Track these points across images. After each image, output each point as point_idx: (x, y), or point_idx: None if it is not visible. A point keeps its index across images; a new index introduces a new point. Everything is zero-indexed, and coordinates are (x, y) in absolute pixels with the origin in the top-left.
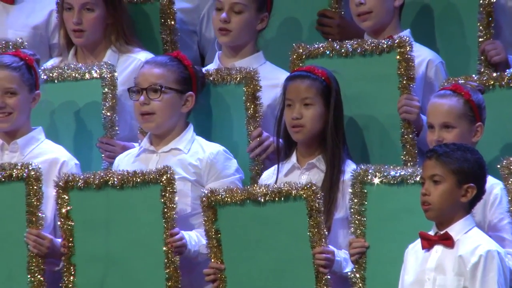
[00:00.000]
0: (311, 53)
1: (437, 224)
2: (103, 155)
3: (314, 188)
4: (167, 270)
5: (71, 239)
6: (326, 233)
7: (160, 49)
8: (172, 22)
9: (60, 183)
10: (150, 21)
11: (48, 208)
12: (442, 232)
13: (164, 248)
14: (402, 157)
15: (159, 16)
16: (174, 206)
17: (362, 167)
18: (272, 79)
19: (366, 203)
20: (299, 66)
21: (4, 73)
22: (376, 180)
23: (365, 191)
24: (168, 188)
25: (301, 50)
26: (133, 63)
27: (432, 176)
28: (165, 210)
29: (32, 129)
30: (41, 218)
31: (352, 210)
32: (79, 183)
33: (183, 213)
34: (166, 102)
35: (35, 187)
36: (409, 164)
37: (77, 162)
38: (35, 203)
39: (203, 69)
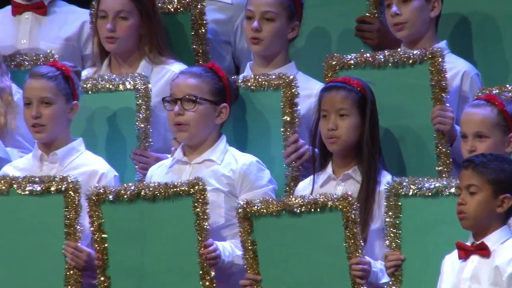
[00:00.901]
0: (344, 64)
1: (474, 234)
2: (136, 167)
3: (350, 199)
4: (203, 282)
5: (104, 252)
6: (362, 244)
7: (192, 59)
8: (204, 32)
9: (92, 196)
10: (181, 32)
11: (86, 220)
12: (478, 242)
13: (199, 260)
14: (436, 168)
15: (191, 26)
16: (207, 217)
17: (396, 179)
18: (305, 89)
19: (401, 215)
20: (332, 77)
21: (39, 82)
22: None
23: (400, 203)
24: (200, 200)
25: (333, 61)
26: (166, 74)
27: (468, 186)
28: (198, 221)
29: (72, 140)
30: (79, 231)
31: (387, 223)
32: (111, 196)
33: (216, 225)
34: (200, 113)
35: (73, 200)
36: (444, 175)
37: (116, 174)
38: (73, 216)
39: (240, 76)
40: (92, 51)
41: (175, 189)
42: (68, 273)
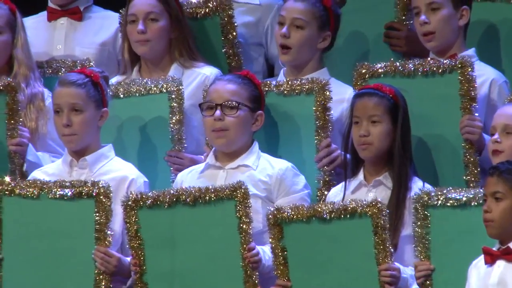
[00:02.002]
0: (373, 72)
1: (500, 240)
2: (171, 168)
3: (380, 205)
4: (246, 285)
5: (141, 258)
6: (392, 250)
7: (224, 63)
8: (234, 35)
9: (129, 202)
10: (211, 36)
11: (116, 225)
12: (504, 247)
13: (242, 264)
14: (464, 177)
15: (221, 30)
16: (250, 220)
17: (424, 189)
18: (338, 95)
19: (429, 226)
20: (362, 86)
21: (69, 90)
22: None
23: (428, 214)
24: (243, 203)
25: (363, 70)
26: (198, 77)
27: (494, 193)
28: (241, 225)
29: (102, 146)
30: (109, 235)
31: (415, 233)
32: (148, 202)
33: (255, 230)
34: (240, 119)
35: (104, 205)
36: (471, 184)
37: (146, 180)
38: (103, 220)
39: (273, 81)
40: (121, 58)
41: (217, 193)
42: (97, 277)
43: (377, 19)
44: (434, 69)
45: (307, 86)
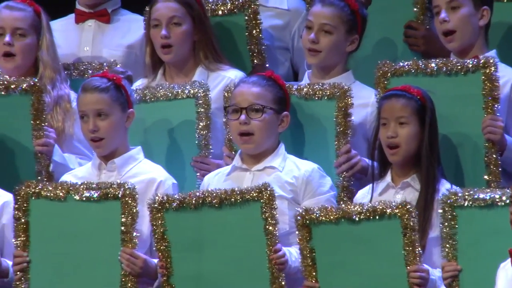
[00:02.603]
0: (396, 71)
1: None
2: (197, 174)
3: (409, 206)
4: (273, 287)
5: (168, 260)
6: (421, 251)
7: (248, 60)
8: (258, 32)
9: (155, 204)
10: (236, 33)
11: (144, 227)
12: None
13: (268, 265)
14: (485, 177)
15: (245, 27)
16: (276, 222)
17: (451, 190)
18: (362, 98)
19: (456, 226)
20: (384, 84)
21: (93, 96)
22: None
23: (455, 214)
24: (268, 204)
25: (386, 68)
26: (223, 81)
27: None
28: (267, 226)
29: (131, 149)
30: (135, 237)
31: (442, 234)
32: (174, 204)
33: (281, 232)
34: (265, 121)
35: (130, 206)
36: (492, 184)
37: (174, 181)
38: (129, 222)
39: (295, 84)
40: (144, 62)
41: (243, 195)
42: (123, 279)
43: (398, 20)
44: (458, 68)
45: (328, 91)
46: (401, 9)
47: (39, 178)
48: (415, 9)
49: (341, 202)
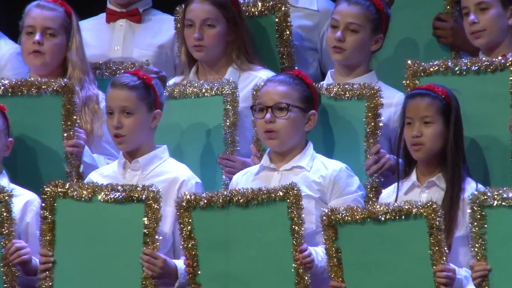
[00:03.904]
0: (425, 70)
1: None
2: (223, 171)
3: (435, 206)
4: (298, 287)
5: (195, 259)
6: (447, 251)
7: (277, 62)
8: (288, 34)
9: (182, 203)
10: (266, 35)
11: (166, 227)
12: None
13: (294, 265)
14: None
15: (275, 29)
16: (302, 222)
17: (480, 190)
18: (385, 98)
19: (485, 226)
20: (414, 83)
21: (120, 92)
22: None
23: (484, 214)
24: (295, 204)
25: (416, 67)
26: (254, 80)
27: None
28: (293, 226)
29: (156, 148)
30: (158, 240)
31: (472, 233)
32: (201, 203)
33: (308, 231)
34: (291, 120)
35: (153, 209)
36: None
37: (198, 181)
38: (152, 225)
39: (323, 84)
40: (178, 60)
41: (270, 195)
42: (144, 281)
43: (427, 24)
44: (486, 67)
45: (358, 91)
46: (429, 4)
47: (69, 179)
48: (444, 2)
49: (370, 202)
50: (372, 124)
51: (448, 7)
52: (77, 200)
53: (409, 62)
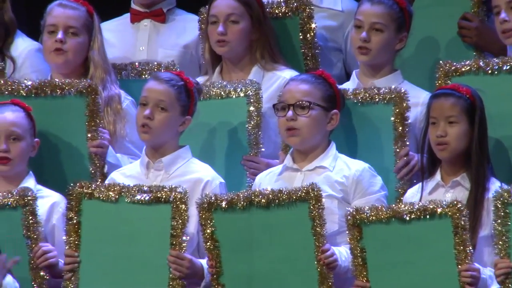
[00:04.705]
0: (457, 70)
1: None
2: (247, 172)
3: (460, 205)
4: (321, 287)
5: (217, 259)
6: (472, 250)
7: (301, 63)
8: (312, 36)
9: (204, 204)
10: (290, 36)
11: (191, 227)
12: None
13: (316, 265)
14: None
15: (299, 30)
16: (323, 222)
17: (504, 187)
18: (412, 98)
19: (509, 223)
20: (446, 83)
21: (161, 86)
22: None
23: (508, 211)
24: (316, 205)
25: (447, 67)
26: (277, 80)
27: None
28: (315, 226)
29: (179, 148)
30: (184, 241)
31: (495, 231)
32: (223, 204)
33: (331, 231)
34: (313, 118)
35: (180, 211)
36: None
37: (222, 181)
38: (179, 226)
39: (349, 87)
40: (203, 59)
41: (290, 195)
42: (171, 283)
43: (451, 23)
44: None
45: (385, 95)
46: (450, 6)
47: (93, 179)
48: (472, 2)
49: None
50: (400, 127)
51: (474, 7)
52: (103, 201)
53: (440, 62)
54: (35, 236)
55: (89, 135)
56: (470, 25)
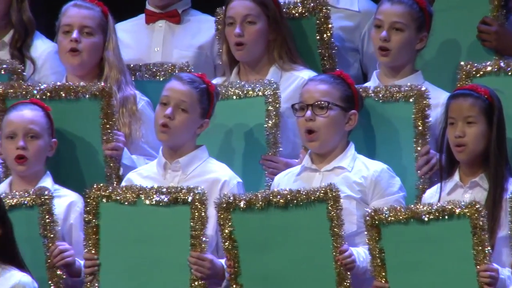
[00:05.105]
0: (478, 71)
1: None
2: (266, 172)
3: (478, 206)
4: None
5: (236, 259)
6: (491, 251)
7: (318, 64)
8: (329, 36)
9: (222, 204)
10: (306, 36)
11: (210, 228)
12: None
13: (334, 266)
14: None
15: (316, 30)
16: (342, 223)
17: None
18: (432, 99)
19: None
20: (467, 84)
21: (183, 87)
22: None
23: None
24: (334, 206)
25: (468, 68)
26: (296, 81)
27: None
28: (333, 227)
29: (196, 148)
30: (204, 242)
31: None
32: (241, 204)
33: (349, 232)
34: (331, 118)
35: (200, 211)
36: None
37: (240, 180)
38: (199, 227)
39: (370, 86)
40: (220, 60)
41: (309, 196)
42: (193, 284)
43: (472, 24)
44: None
45: (406, 93)
46: (474, 6)
47: (109, 181)
48: (491, 6)
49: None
50: (421, 125)
51: (494, 11)
52: (121, 204)
53: (462, 63)
54: (51, 235)
55: (104, 138)
56: (489, 29)
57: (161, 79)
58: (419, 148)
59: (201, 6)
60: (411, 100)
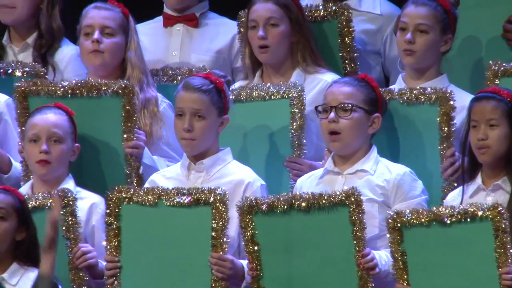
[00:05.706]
0: (506, 71)
1: None
2: (290, 174)
3: (500, 208)
4: None
5: (258, 262)
6: None
7: (340, 67)
8: (351, 39)
9: (244, 207)
10: (328, 40)
11: (232, 229)
12: None
13: (357, 269)
14: None
15: (338, 34)
16: (364, 226)
17: None
18: (457, 102)
19: None
20: (495, 84)
21: (193, 95)
22: None
23: None
24: (356, 209)
25: (496, 68)
26: (319, 83)
27: None
28: (355, 231)
29: (220, 150)
30: (226, 243)
31: None
32: (263, 207)
33: (371, 235)
34: (354, 121)
35: (221, 212)
36: None
37: (263, 183)
38: (220, 227)
39: (395, 88)
40: (243, 64)
41: (331, 199)
42: (214, 284)
43: (495, 25)
44: None
45: (431, 96)
46: (499, 5)
47: (129, 180)
48: None
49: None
50: (446, 127)
51: None
52: (142, 205)
53: (490, 62)
54: (74, 237)
55: (124, 135)
56: None
57: (179, 83)
58: (443, 152)
59: (219, 8)
60: (436, 102)
